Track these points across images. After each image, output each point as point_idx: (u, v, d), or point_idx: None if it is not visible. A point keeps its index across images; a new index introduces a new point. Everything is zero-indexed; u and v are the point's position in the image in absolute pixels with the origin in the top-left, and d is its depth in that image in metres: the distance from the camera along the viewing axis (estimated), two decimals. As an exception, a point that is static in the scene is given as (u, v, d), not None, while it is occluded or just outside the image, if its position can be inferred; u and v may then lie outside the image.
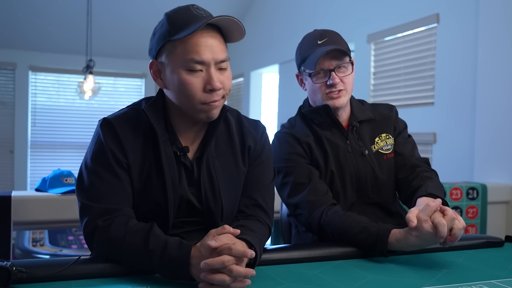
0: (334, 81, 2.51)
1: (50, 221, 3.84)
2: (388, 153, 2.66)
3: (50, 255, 6.04)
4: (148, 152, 1.99)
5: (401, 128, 2.75)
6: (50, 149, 11.46)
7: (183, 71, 1.90)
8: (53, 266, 1.73)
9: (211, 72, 1.91)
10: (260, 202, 2.15)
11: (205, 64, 1.91)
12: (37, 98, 11.32)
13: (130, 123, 2.00)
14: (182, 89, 1.91)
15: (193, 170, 2.06)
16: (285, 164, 2.56)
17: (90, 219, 1.88)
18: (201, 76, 1.91)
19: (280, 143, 2.62)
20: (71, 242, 6.65)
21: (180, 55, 1.90)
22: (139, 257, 1.77)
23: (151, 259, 1.74)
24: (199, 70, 1.90)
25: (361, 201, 2.63)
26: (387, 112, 2.75)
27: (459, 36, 5.62)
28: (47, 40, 10.73)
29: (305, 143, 2.59)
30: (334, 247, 2.20)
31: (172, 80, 1.94)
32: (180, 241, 1.77)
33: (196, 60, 1.89)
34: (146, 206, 2.00)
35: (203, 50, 1.89)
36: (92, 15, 9.45)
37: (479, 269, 2.01)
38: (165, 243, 1.75)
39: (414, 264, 2.06)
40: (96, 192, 1.92)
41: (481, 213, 4.60)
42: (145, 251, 1.75)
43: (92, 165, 1.96)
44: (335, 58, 2.52)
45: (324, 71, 2.53)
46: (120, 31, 10.64)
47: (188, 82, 1.90)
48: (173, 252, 1.72)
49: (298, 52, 2.66)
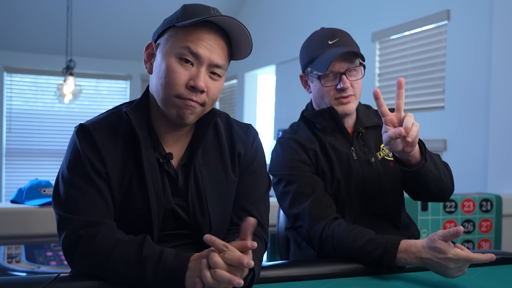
0: (345, 85, 2.52)
1: (26, 236, 3.83)
2: None
3: (27, 273, 6.02)
4: (129, 160, 1.99)
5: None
6: (27, 157, 11.47)
7: (174, 58, 1.92)
8: (30, 284, 1.74)
9: (201, 70, 1.93)
10: (255, 214, 2.14)
11: (198, 59, 1.92)
12: (12, 101, 11.33)
13: (109, 129, 2.01)
14: (165, 75, 1.92)
15: (177, 178, 2.06)
16: (288, 171, 2.55)
17: (70, 232, 1.87)
18: (189, 70, 1.93)
19: (283, 149, 2.62)
20: (50, 258, 6.63)
21: (178, 41, 1.93)
22: (130, 267, 1.76)
23: (145, 267, 1.73)
24: (190, 62, 1.92)
25: (367, 212, 2.63)
26: None
27: (471, 34, 5.63)
28: (23, 39, 10.73)
29: (311, 149, 2.59)
30: (335, 264, 2.20)
31: (160, 64, 1.96)
32: (176, 251, 1.77)
33: (190, 50, 1.91)
34: (128, 218, 1.99)
35: (202, 44, 1.92)
36: (73, 12, 9.44)
37: (493, 287, 2.01)
38: (160, 252, 1.76)
39: (423, 282, 2.06)
40: (74, 204, 1.91)
41: (496, 226, 4.60)
42: (137, 260, 1.75)
43: (68, 175, 1.95)
44: (346, 61, 2.52)
45: (334, 73, 2.53)
46: (103, 28, 10.64)
47: (174, 70, 1.92)
48: (169, 262, 1.72)
49: (305, 51, 2.66)
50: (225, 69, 2.01)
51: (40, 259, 6.57)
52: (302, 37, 2.76)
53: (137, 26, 5.39)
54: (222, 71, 1.99)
